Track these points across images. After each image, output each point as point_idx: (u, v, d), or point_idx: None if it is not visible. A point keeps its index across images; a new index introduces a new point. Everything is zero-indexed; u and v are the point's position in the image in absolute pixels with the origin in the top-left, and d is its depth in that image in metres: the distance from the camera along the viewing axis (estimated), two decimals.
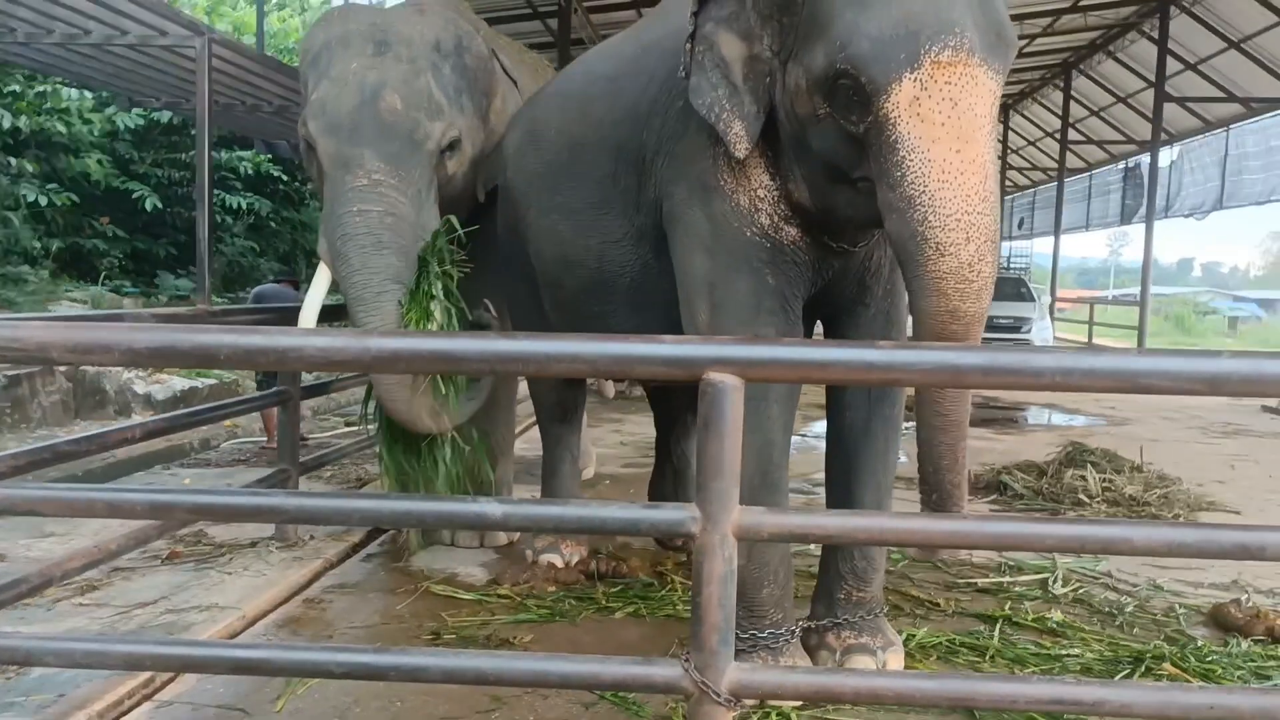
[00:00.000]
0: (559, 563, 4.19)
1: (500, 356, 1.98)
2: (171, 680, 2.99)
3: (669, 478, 4.76)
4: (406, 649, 2.95)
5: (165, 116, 11.99)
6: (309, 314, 3.87)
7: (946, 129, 2.33)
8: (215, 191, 13.22)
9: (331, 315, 4.45)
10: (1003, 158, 24.21)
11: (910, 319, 2.69)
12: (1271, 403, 10.48)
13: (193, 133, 13.09)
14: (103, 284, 11.04)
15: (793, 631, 3.03)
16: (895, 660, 3.08)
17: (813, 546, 3.94)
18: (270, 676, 2.83)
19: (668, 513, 2.06)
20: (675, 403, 4.66)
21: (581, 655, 2.14)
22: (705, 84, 2.78)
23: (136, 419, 8.74)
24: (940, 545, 3.89)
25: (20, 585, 2.77)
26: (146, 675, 2.91)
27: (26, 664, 2.51)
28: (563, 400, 4.44)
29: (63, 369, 7.51)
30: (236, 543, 4.49)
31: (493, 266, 4.30)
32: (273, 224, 14.43)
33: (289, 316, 4.31)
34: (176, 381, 9.46)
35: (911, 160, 2.35)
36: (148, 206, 11.81)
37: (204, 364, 2.80)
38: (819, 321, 3.34)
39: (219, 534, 4.61)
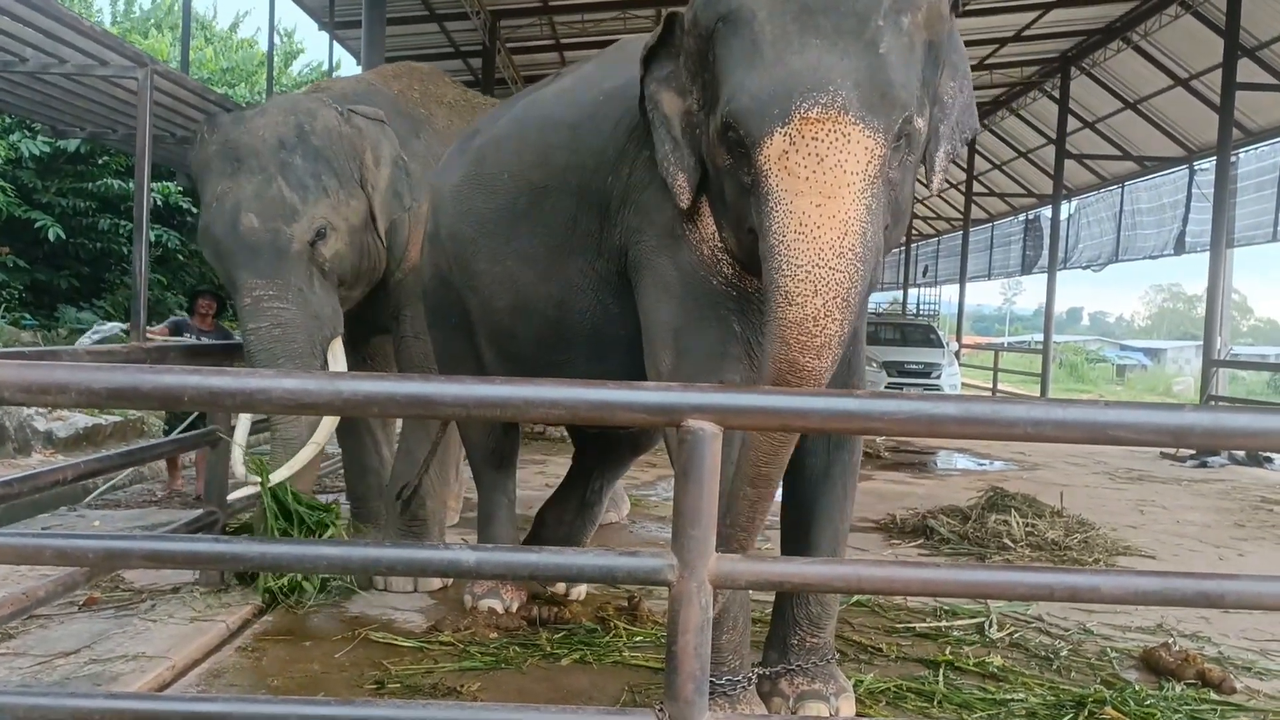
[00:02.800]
0: (499, 608, 4.10)
1: (477, 400, 1.95)
2: None
3: (571, 507, 4.62)
4: (371, 700, 2.88)
5: (72, 145, 11.66)
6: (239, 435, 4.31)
7: (810, 183, 2.34)
8: (119, 223, 12.90)
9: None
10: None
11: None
12: (1170, 450, 10.89)
13: (100, 161, 12.82)
14: (2, 316, 10.62)
15: (749, 679, 3.02)
16: (847, 706, 3.09)
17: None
18: None
19: (644, 560, 2.05)
20: (615, 442, 4.57)
21: (554, 706, 2.10)
22: (656, 139, 2.89)
23: (38, 457, 8.40)
24: (918, 594, 3.92)
25: None
26: None
27: None
28: (499, 446, 4.35)
29: None
30: (157, 588, 4.31)
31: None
32: (180, 257, 14.09)
33: (231, 352, 4.39)
34: (79, 418, 9.12)
35: (776, 212, 2.37)
36: (50, 236, 11.44)
37: (166, 405, 2.70)
38: None
39: (137, 578, 4.43)
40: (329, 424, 4.27)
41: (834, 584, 2.24)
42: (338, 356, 4.35)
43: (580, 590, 4.37)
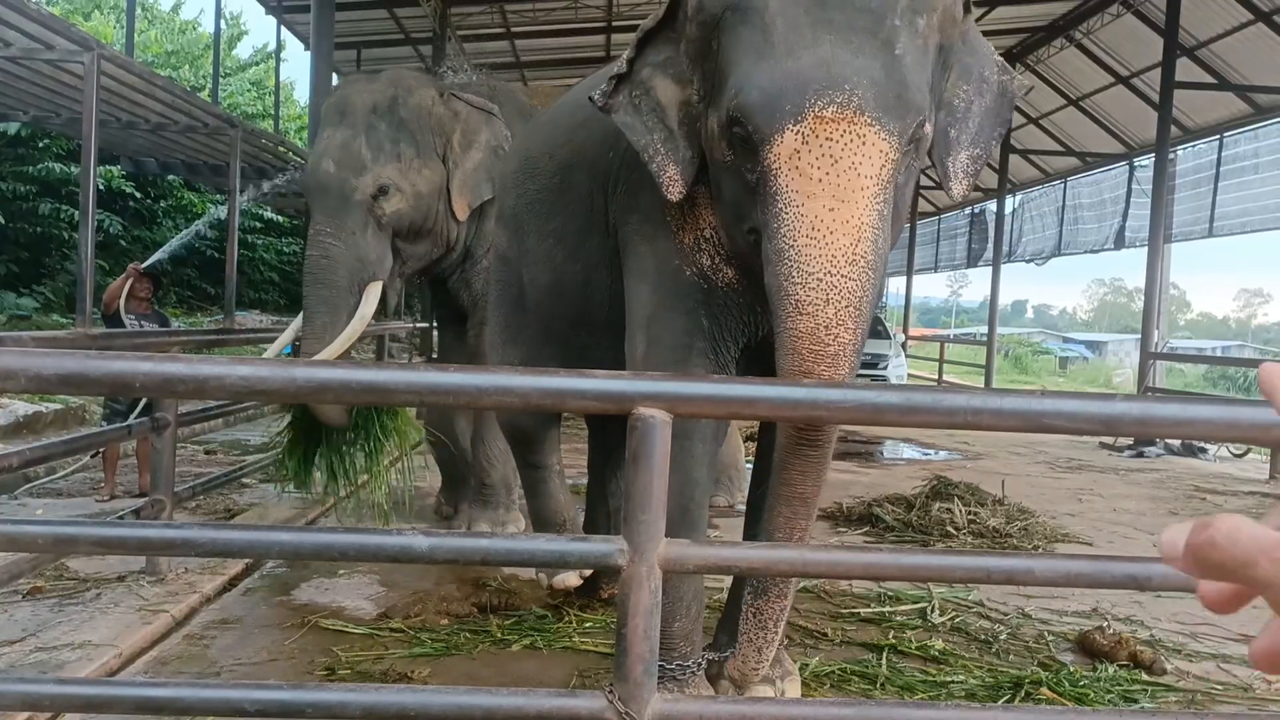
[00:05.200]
0: (574, 581, 4.04)
1: (430, 388, 1.98)
2: None
3: (600, 525, 4.43)
4: (324, 685, 2.90)
5: (12, 129, 11.41)
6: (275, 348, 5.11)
7: (823, 185, 2.28)
8: (60, 207, 12.66)
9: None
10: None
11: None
12: (1109, 440, 11.14)
13: (40, 145, 12.56)
14: None
15: (698, 664, 3.07)
16: (793, 689, 3.12)
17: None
18: (177, 715, 2.71)
19: (595, 545, 2.09)
20: (613, 442, 4.35)
21: (505, 689, 2.13)
22: (640, 125, 2.78)
23: None
24: (861, 577, 3.97)
25: None
26: (24, 717, 2.75)
27: None
28: (522, 424, 4.16)
29: None
30: (102, 577, 4.28)
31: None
32: (123, 243, 13.85)
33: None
34: (19, 405, 8.95)
35: (786, 214, 2.30)
36: None
37: (117, 391, 2.68)
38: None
39: (82, 567, 4.39)
40: (364, 317, 4.76)
41: (779, 567, 2.28)
42: (371, 297, 4.80)
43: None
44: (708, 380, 2.27)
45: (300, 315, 4.89)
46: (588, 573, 4.02)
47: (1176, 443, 10.89)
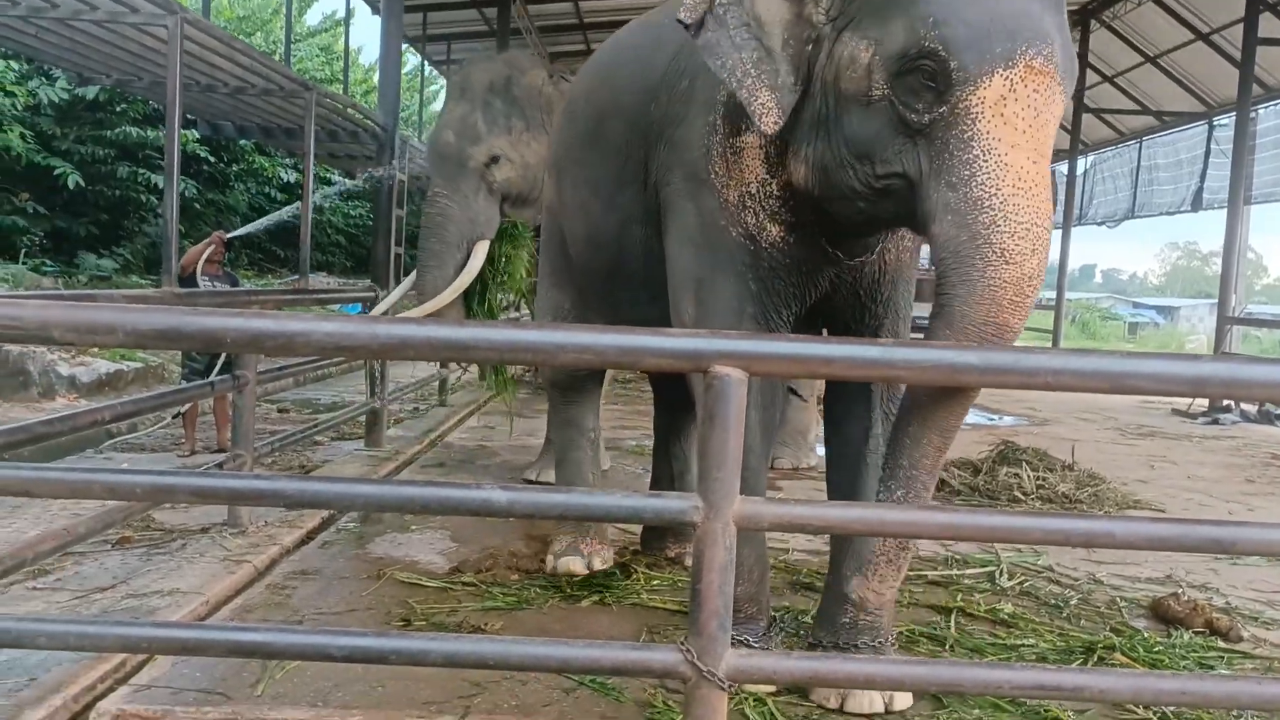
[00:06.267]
0: (579, 567, 3.91)
1: (509, 344, 2.01)
2: (144, 664, 2.95)
3: (665, 483, 4.47)
4: (406, 633, 2.98)
5: (91, 92, 11.64)
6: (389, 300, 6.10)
7: (1027, 137, 2.24)
8: (137, 170, 12.91)
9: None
10: None
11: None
12: (1181, 406, 10.93)
13: (118, 109, 12.81)
14: (23, 262, 10.69)
15: (765, 628, 3.06)
16: (902, 699, 2.84)
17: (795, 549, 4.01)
18: (268, 659, 2.81)
19: (671, 501, 2.12)
20: (677, 404, 4.29)
21: (580, 640, 2.18)
22: (726, 42, 2.51)
23: (61, 401, 8.51)
24: (938, 537, 3.87)
25: None
26: (119, 659, 2.87)
27: (15, 646, 2.45)
28: (573, 378, 4.13)
29: None
30: (186, 528, 4.43)
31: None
32: (197, 206, 14.11)
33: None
34: (101, 364, 9.23)
35: (985, 161, 2.23)
36: (69, 184, 11.47)
37: (208, 347, 2.74)
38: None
39: (168, 519, 4.54)
40: (471, 271, 5.37)
41: (855, 526, 2.30)
42: (479, 253, 5.41)
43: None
44: (784, 339, 2.27)
45: (414, 271, 5.60)
46: (595, 564, 3.95)
47: (1253, 409, 10.66)
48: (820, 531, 3.03)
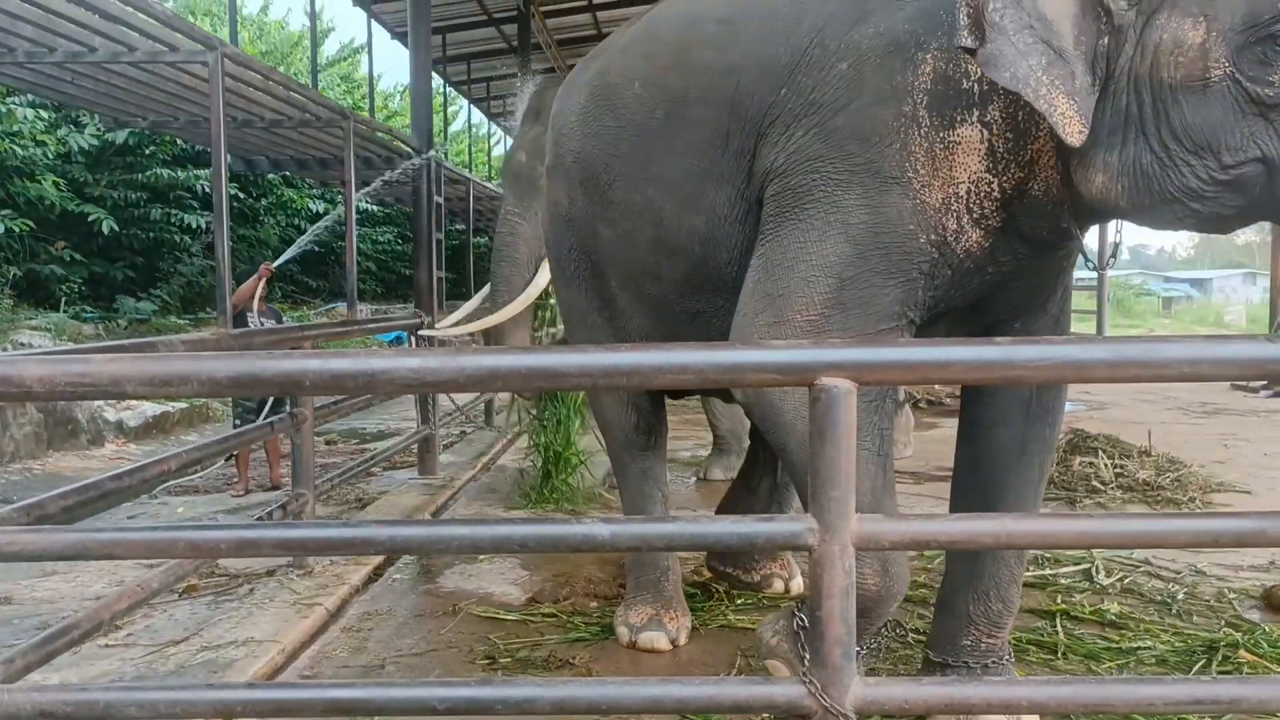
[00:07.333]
0: (664, 644, 3.44)
1: (603, 369, 1.89)
2: None
3: (761, 493, 4.10)
4: (511, 680, 2.85)
5: (120, 136, 11.66)
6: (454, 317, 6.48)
7: None
8: (170, 212, 12.94)
9: None
10: None
11: None
12: (1242, 381, 10.66)
13: (148, 151, 12.84)
14: (64, 310, 10.72)
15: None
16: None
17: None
18: (369, 717, 2.70)
19: (784, 525, 1.97)
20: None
21: (697, 678, 2.06)
22: (1011, 51, 2.21)
23: (111, 447, 8.52)
24: (1072, 547, 3.72)
25: (72, 632, 2.62)
26: None
27: (105, 718, 2.36)
28: (642, 423, 3.63)
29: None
30: (252, 572, 4.34)
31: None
32: (229, 243, 14.13)
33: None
34: (147, 407, 9.24)
35: None
36: (104, 229, 11.49)
37: (286, 390, 2.64)
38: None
39: (231, 563, 4.45)
40: (539, 284, 5.50)
41: (983, 540, 2.15)
42: (545, 270, 5.31)
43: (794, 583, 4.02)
44: (894, 345, 2.14)
45: (487, 286, 5.89)
46: (681, 640, 3.49)
47: None
48: (948, 548, 2.84)
